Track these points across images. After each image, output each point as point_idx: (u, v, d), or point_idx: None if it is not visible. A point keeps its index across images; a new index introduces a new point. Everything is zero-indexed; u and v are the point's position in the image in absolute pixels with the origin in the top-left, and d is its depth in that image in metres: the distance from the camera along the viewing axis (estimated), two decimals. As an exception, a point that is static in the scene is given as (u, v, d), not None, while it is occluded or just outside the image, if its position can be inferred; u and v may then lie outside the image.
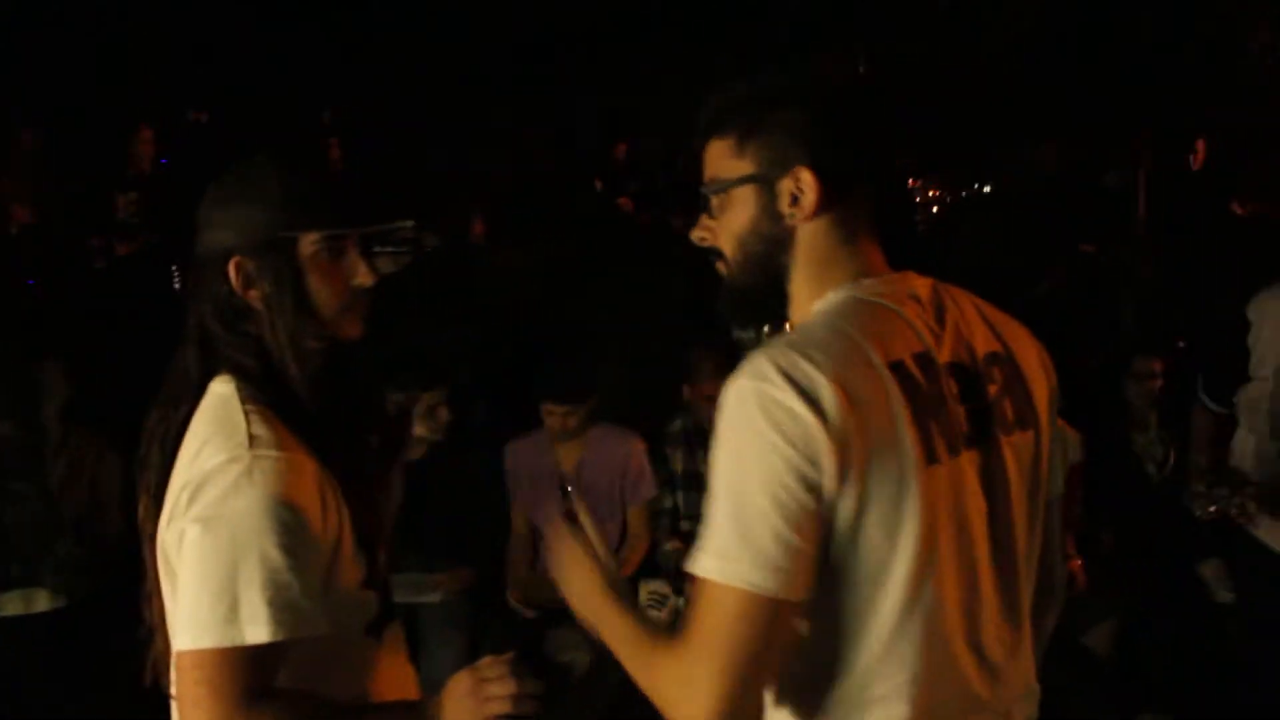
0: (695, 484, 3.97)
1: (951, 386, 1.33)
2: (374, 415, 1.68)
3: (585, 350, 4.56)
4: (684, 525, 3.97)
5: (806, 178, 1.33)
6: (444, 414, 3.66)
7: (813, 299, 1.37)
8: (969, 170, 7.97)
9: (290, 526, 1.35)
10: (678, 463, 3.97)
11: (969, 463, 1.33)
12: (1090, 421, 4.10)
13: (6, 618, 2.88)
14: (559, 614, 3.66)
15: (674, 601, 3.61)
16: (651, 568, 3.82)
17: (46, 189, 6.27)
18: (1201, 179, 6.25)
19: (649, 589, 3.64)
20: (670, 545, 3.87)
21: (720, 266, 1.43)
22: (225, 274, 1.47)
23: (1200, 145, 6.21)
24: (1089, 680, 3.68)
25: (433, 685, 3.60)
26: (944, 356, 1.34)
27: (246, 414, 1.42)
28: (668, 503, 3.96)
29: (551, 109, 8.14)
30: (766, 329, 5.06)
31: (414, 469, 3.79)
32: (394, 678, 1.60)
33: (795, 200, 1.34)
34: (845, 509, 1.23)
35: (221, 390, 1.46)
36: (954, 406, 1.32)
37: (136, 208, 6.41)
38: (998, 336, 1.42)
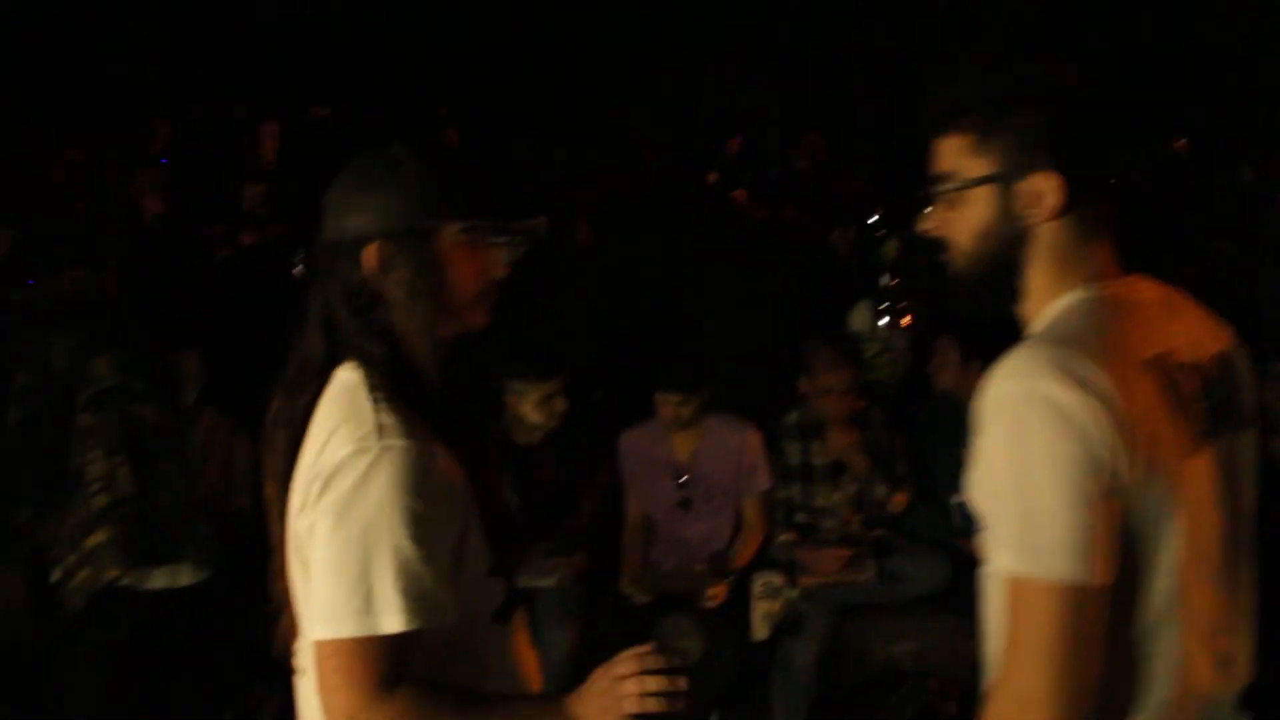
0: (809, 476, 3.94)
1: (1193, 384, 1.37)
2: (495, 404, 1.71)
3: (700, 341, 4.55)
4: (799, 518, 3.94)
5: (1048, 182, 1.35)
6: (560, 403, 3.69)
7: (1049, 296, 1.40)
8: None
9: (421, 516, 1.36)
10: (793, 455, 3.94)
11: (1210, 458, 1.36)
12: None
13: (153, 590, 2.99)
14: (671, 601, 3.68)
15: (787, 593, 3.58)
16: (766, 559, 3.80)
17: (178, 181, 6.50)
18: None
19: (762, 580, 3.62)
20: (785, 537, 3.84)
21: (949, 257, 1.45)
22: (359, 259, 1.46)
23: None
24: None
25: (547, 667, 3.64)
26: (1182, 356, 1.37)
27: (374, 402, 1.41)
28: (782, 495, 3.93)
29: (666, 102, 8.16)
30: (884, 321, 5.01)
31: (531, 455, 3.84)
32: (519, 665, 1.60)
33: (1034, 202, 1.36)
34: (1130, 494, 1.26)
35: (348, 377, 1.46)
36: (1196, 404, 1.36)
37: (262, 200, 6.61)
38: (1219, 338, 1.46)
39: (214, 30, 7.47)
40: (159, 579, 2.99)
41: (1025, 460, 1.26)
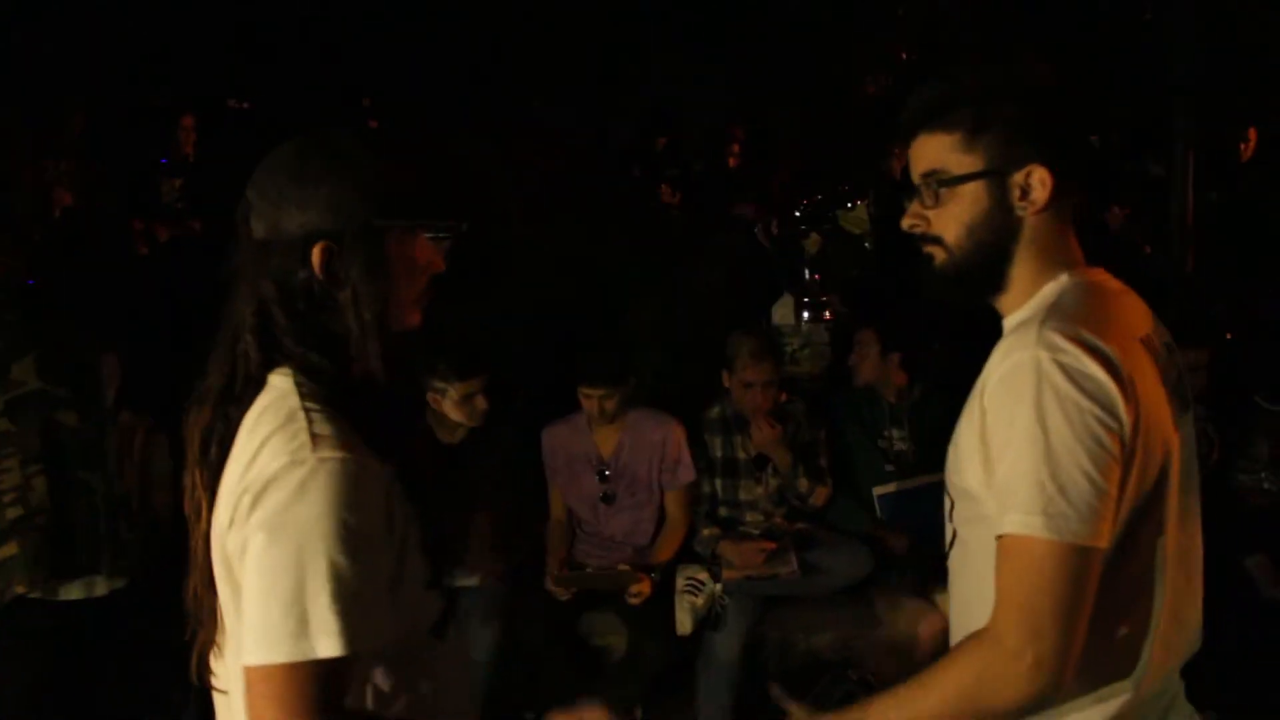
0: (732, 470, 3.97)
1: (1169, 364, 1.50)
2: (422, 408, 1.65)
3: (623, 335, 4.56)
4: (722, 511, 3.97)
5: (1041, 174, 1.44)
6: (481, 402, 3.67)
7: (1035, 284, 1.49)
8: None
9: (357, 533, 1.28)
10: (716, 449, 3.97)
11: (1182, 434, 1.49)
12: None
13: (67, 601, 2.92)
14: (595, 597, 3.69)
15: (710, 587, 3.60)
16: (689, 553, 3.82)
17: (92, 173, 6.34)
18: (1250, 169, 6.14)
19: (686, 575, 3.64)
20: (708, 531, 3.86)
21: (935, 251, 1.52)
22: (305, 258, 1.38)
23: (1252, 134, 6.10)
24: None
25: (471, 667, 3.63)
26: (1155, 339, 1.51)
27: (308, 411, 1.33)
28: (706, 488, 3.95)
29: (590, 95, 8.14)
30: (806, 316, 5.06)
31: (452, 454, 3.82)
32: (454, 678, 1.55)
33: (1025, 194, 1.45)
34: (1136, 457, 1.37)
35: (281, 384, 1.38)
36: (1175, 383, 1.50)
37: (181, 194, 6.49)
38: (1160, 326, 1.56)
39: (131, 19, 7.29)
40: (74, 591, 2.92)
41: (1050, 426, 1.32)
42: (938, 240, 1.51)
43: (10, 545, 2.79)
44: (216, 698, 1.48)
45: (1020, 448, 1.34)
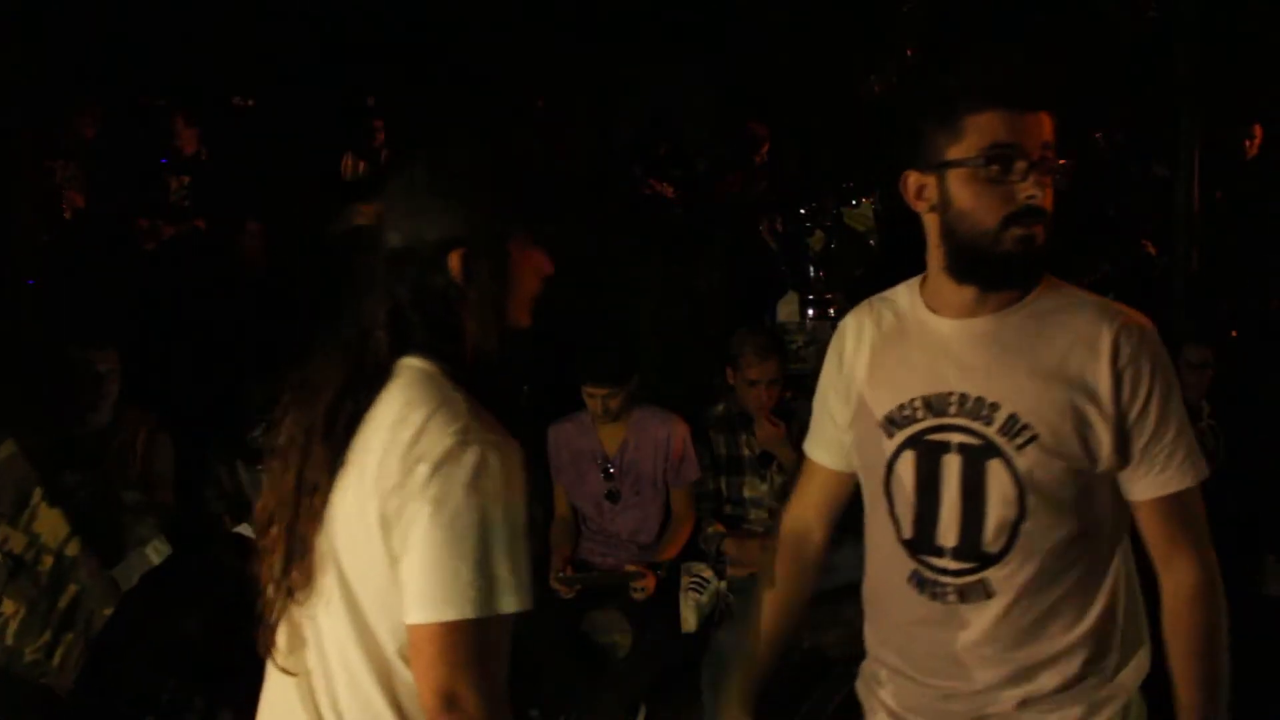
0: (736, 468, 3.96)
1: None
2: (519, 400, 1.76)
3: (626, 333, 4.56)
4: (726, 509, 3.97)
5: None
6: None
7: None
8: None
9: (518, 508, 1.41)
10: (720, 446, 3.96)
11: None
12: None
13: None
14: (599, 595, 3.68)
15: (715, 584, 3.60)
16: (694, 551, 3.82)
17: (100, 175, 6.36)
18: (1255, 167, 6.13)
19: (690, 572, 3.63)
20: (713, 529, 3.86)
21: (1038, 232, 1.64)
22: (443, 265, 1.49)
23: (1258, 131, 6.09)
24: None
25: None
26: None
27: (461, 400, 1.45)
28: (710, 486, 3.95)
29: (593, 93, 8.14)
30: (811, 313, 5.05)
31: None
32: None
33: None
34: None
35: (421, 366, 1.49)
36: None
37: (187, 191, 6.50)
38: None
39: (134, 17, 7.29)
40: None
41: (1177, 386, 1.67)
42: (1043, 216, 1.63)
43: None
44: (274, 677, 1.54)
45: (1168, 406, 1.64)
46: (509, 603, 1.40)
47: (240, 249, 6.01)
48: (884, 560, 1.82)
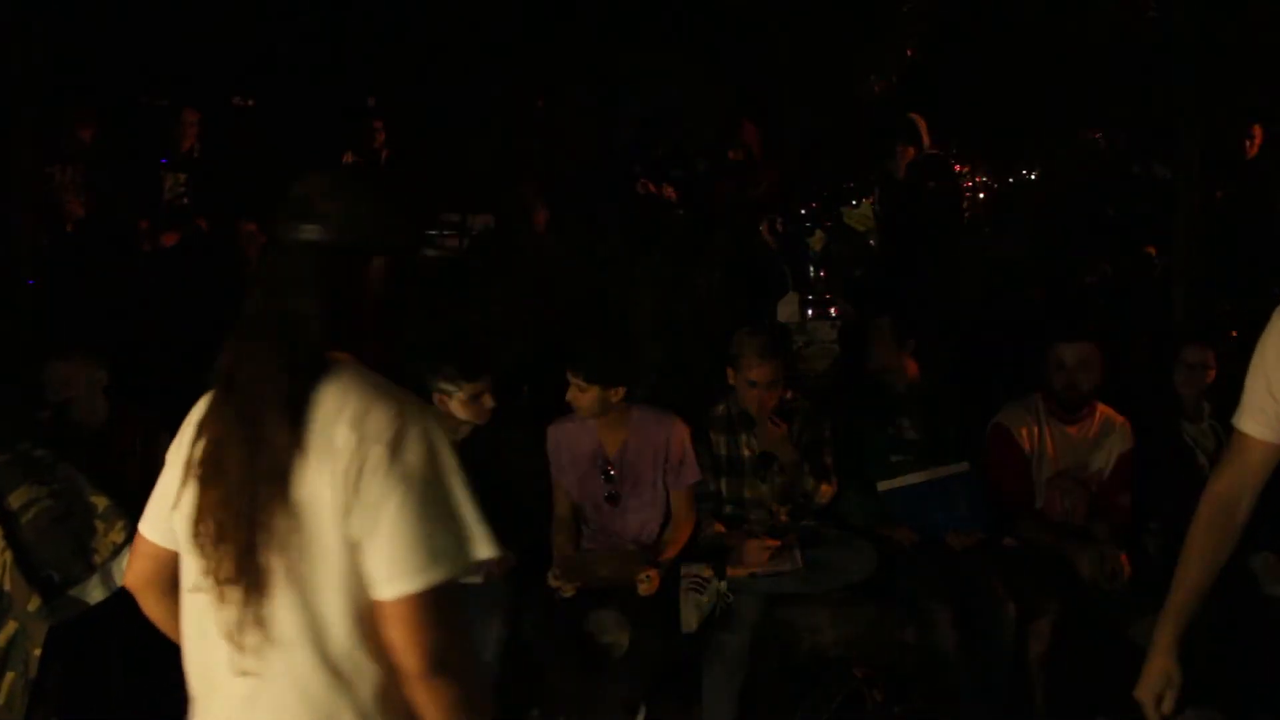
0: (737, 468, 3.96)
1: None
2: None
3: (626, 334, 4.56)
4: (726, 509, 3.97)
5: None
6: (488, 401, 3.68)
7: None
8: (1015, 157, 7.89)
9: (458, 468, 1.53)
10: (720, 447, 3.96)
11: None
12: (1140, 411, 4.06)
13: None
14: (599, 594, 3.68)
15: (715, 584, 3.60)
16: (694, 551, 3.81)
17: (100, 179, 6.36)
18: (1255, 167, 6.13)
19: (691, 572, 3.63)
20: (713, 529, 3.86)
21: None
22: (364, 268, 1.61)
23: (1257, 132, 6.09)
24: (1134, 674, 3.64)
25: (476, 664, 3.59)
26: None
27: (390, 385, 1.57)
28: (710, 486, 3.95)
29: (594, 94, 8.14)
30: (811, 313, 5.05)
31: (458, 451, 3.81)
32: None
33: None
34: None
35: (350, 361, 1.58)
36: None
37: (184, 189, 6.50)
38: None
39: (136, 18, 7.29)
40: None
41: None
42: None
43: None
44: (241, 684, 1.51)
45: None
46: (483, 550, 1.50)
47: (239, 249, 6.00)
48: None
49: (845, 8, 7.95)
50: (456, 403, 3.66)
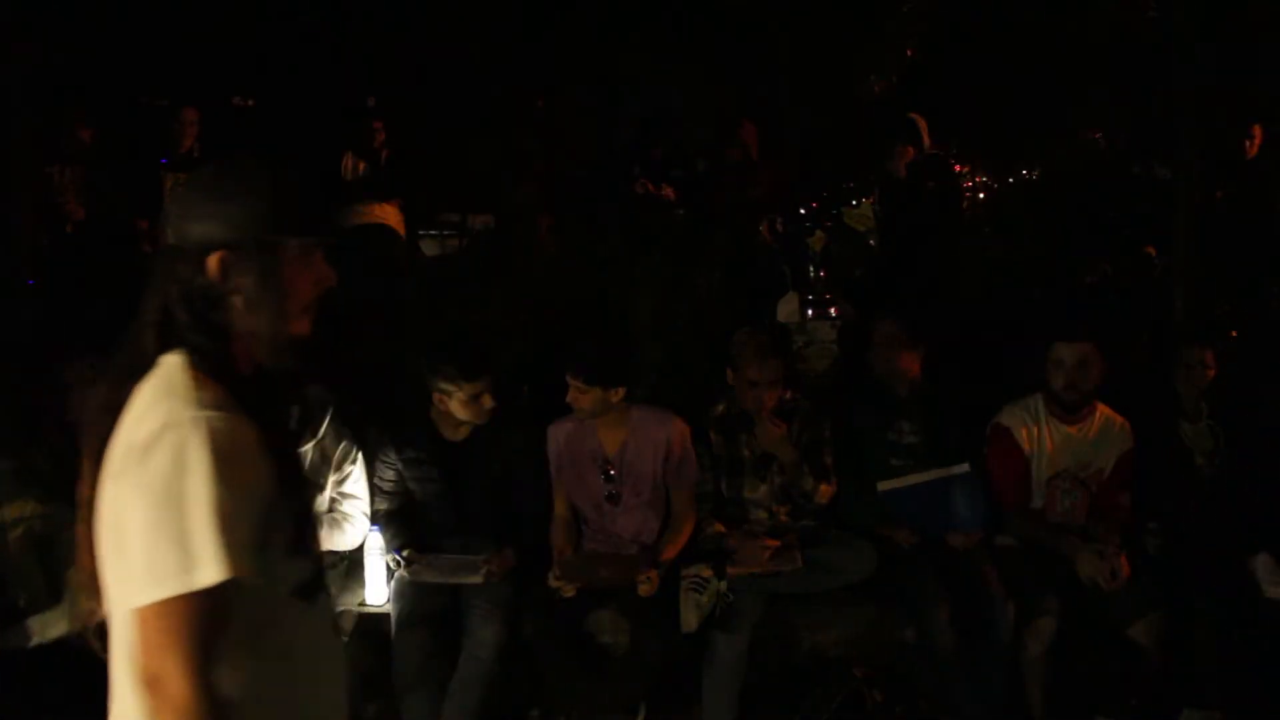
0: (737, 468, 3.96)
1: None
2: (295, 399, 1.77)
3: (626, 334, 4.56)
4: (726, 509, 3.96)
5: None
6: (488, 401, 3.68)
7: None
8: (1015, 157, 7.90)
9: (230, 479, 1.43)
10: (720, 447, 3.96)
11: None
12: (1139, 411, 4.05)
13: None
14: (599, 594, 3.68)
15: (715, 584, 3.59)
16: (694, 551, 3.81)
17: (100, 179, 6.36)
18: (1255, 167, 6.13)
19: (690, 572, 3.63)
20: (713, 529, 3.86)
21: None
22: (203, 265, 1.54)
23: (1257, 132, 6.09)
24: (1135, 674, 3.65)
25: (475, 663, 3.61)
26: None
27: (194, 379, 1.50)
28: (710, 486, 3.94)
29: (593, 94, 8.15)
30: (811, 313, 5.05)
31: (457, 451, 3.82)
32: (322, 646, 1.68)
33: None
34: None
35: (172, 361, 1.53)
36: None
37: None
38: None
39: (134, 18, 7.30)
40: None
41: None
42: None
43: None
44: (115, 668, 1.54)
45: None
46: (206, 575, 1.40)
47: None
48: None
49: (845, 8, 7.95)
50: (456, 403, 3.66)
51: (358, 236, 6.17)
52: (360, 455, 3.95)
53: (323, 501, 3.93)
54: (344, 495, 3.93)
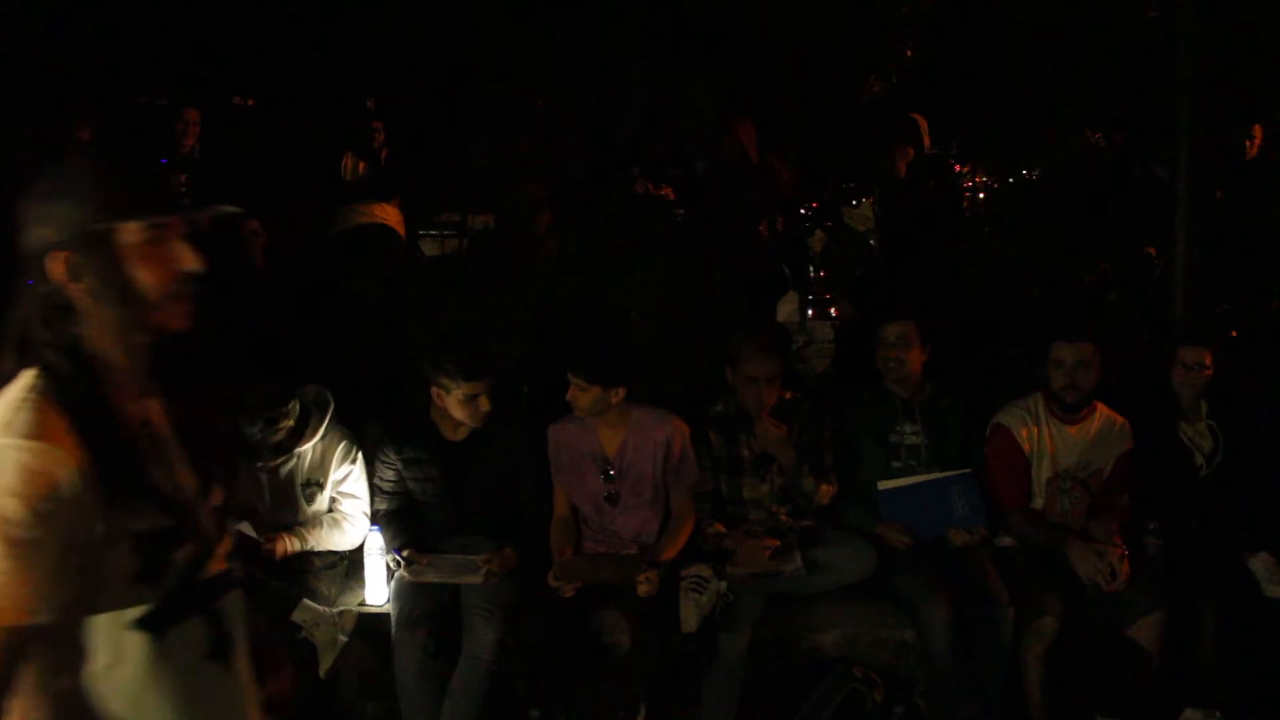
0: (737, 468, 3.96)
1: None
2: (213, 410, 1.66)
3: (626, 334, 4.56)
4: (726, 509, 3.96)
5: None
6: (484, 404, 3.68)
7: None
8: (1015, 157, 7.89)
9: (32, 510, 1.36)
10: (720, 447, 3.96)
11: None
12: (1139, 411, 4.06)
13: None
14: (599, 594, 3.68)
15: (715, 584, 3.60)
16: (694, 551, 3.81)
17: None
18: (1255, 167, 6.13)
19: (690, 572, 3.63)
20: (713, 529, 3.86)
21: None
22: (45, 270, 1.47)
23: (1257, 132, 6.09)
24: (1135, 674, 3.65)
25: (475, 663, 3.60)
26: None
27: (24, 402, 1.42)
28: (709, 486, 3.94)
29: (592, 94, 8.16)
30: (810, 313, 5.05)
31: (458, 451, 3.82)
32: (194, 686, 1.58)
33: None
34: None
35: (22, 381, 1.46)
36: None
37: (184, 189, 6.48)
38: None
39: (134, 18, 7.30)
40: None
41: None
42: None
43: None
44: None
45: None
46: None
47: (240, 249, 6.00)
48: None
49: (845, 8, 7.95)
50: (453, 400, 3.67)
51: (358, 236, 6.17)
52: (360, 455, 3.96)
53: (323, 501, 3.93)
54: (344, 495, 3.94)
